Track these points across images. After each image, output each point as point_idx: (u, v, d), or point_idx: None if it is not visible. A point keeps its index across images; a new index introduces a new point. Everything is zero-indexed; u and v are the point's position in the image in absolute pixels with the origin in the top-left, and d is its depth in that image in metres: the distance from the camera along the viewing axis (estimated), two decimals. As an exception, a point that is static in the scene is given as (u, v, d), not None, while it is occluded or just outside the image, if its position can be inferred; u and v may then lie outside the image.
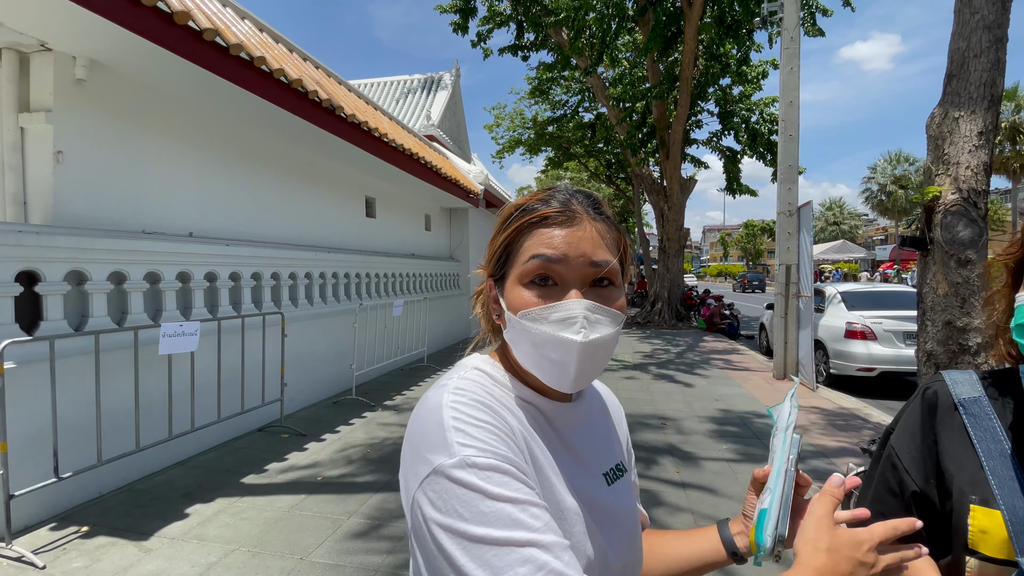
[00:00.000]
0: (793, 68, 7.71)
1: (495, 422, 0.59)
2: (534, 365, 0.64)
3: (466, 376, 0.65)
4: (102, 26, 3.17)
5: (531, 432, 0.64)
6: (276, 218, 5.96)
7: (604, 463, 0.73)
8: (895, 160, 35.92)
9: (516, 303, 0.63)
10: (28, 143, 3.63)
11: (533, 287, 0.63)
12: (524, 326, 0.62)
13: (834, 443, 4.69)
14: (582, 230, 0.64)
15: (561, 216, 0.64)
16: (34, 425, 3.07)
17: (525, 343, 0.63)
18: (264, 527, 3.12)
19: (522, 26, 13.04)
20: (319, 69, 6.48)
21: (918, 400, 0.92)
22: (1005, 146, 24.37)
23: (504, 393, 0.66)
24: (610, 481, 0.72)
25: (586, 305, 0.61)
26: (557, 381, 0.63)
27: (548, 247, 0.62)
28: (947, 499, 0.83)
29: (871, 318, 7.07)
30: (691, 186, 15.17)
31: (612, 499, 0.70)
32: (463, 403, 0.59)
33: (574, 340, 0.60)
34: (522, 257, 0.64)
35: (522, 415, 0.65)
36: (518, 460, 0.57)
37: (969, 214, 3.02)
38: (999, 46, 3.06)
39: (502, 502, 0.51)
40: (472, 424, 0.57)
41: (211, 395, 4.27)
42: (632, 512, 0.73)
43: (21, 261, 3.15)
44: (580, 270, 0.62)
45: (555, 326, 0.60)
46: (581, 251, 0.62)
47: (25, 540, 2.92)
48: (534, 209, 0.65)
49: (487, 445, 0.55)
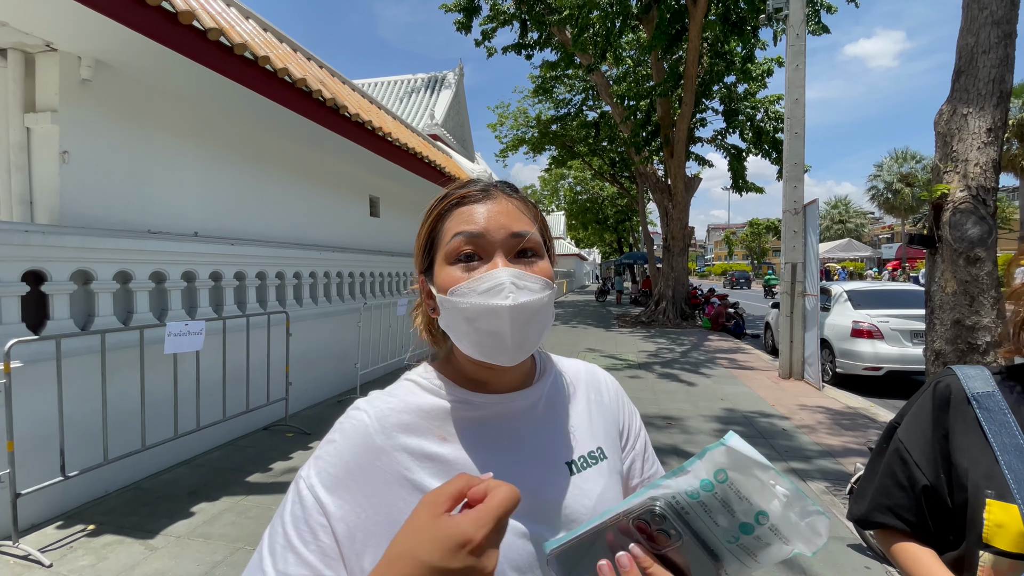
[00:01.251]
0: (799, 65, 7.66)
1: (349, 460, 0.62)
2: (472, 344, 0.63)
3: (378, 396, 0.68)
4: (107, 26, 3.18)
5: (438, 440, 0.65)
6: (280, 217, 5.97)
7: (567, 451, 0.70)
8: (902, 158, 35.67)
9: (445, 282, 0.64)
10: (34, 143, 3.65)
11: (459, 264, 0.64)
12: (454, 303, 0.62)
13: (840, 443, 4.66)
14: (499, 204, 0.66)
15: (479, 194, 0.67)
16: (40, 424, 3.09)
17: (459, 321, 0.63)
18: (269, 526, 3.12)
19: (526, 24, 13.02)
20: (323, 68, 6.49)
21: (928, 394, 0.91)
22: (1013, 143, 24.18)
23: (427, 398, 0.68)
24: (576, 469, 0.69)
25: (511, 272, 0.62)
26: (495, 355, 0.62)
27: (469, 223, 0.64)
28: (957, 493, 0.82)
29: (878, 317, 7.03)
30: (695, 184, 15.11)
31: (572, 488, 0.67)
32: (344, 432, 0.64)
33: (504, 305, 0.60)
34: (445, 238, 0.66)
35: (440, 422, 0.66)
36: (329, 503, 0.60)
37: (978, 212, 2.99)
38: (1008, 42, 3.03)
39: (288, 531, 0.58)
40: (330, 453, 0.63)
41: (216, 394, 4.29)
42: (602, 499, 0.68)
43: (28, 260, 3.16)
44: (503, 242, 0.64)
45: (484, 296, 0.61)
46: (500, 223, 0.64)
47: (32, 538, 2.94)
48: (453, 193, 0.68)
49: (319, 478, 0.61)
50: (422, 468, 0.63)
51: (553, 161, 22.72)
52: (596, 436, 0.74)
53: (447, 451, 0.64)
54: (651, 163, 15.69)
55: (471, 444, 0.65)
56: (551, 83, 17.83)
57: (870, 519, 0.92)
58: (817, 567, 2.72)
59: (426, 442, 0.64)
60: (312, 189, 6.60)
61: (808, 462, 4.19)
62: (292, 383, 5.17)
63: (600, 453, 0.72)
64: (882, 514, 0.90)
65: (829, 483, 3.77)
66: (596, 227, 38.14)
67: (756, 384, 7.11)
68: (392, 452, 0.63)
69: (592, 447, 0.72)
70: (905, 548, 0.88)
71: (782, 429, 5.08)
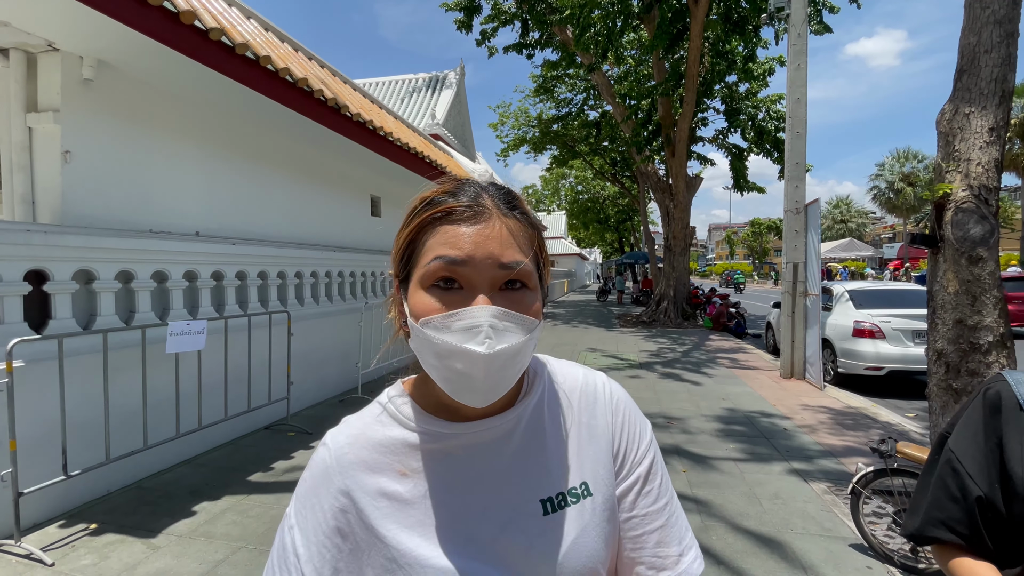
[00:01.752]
0: (800, 65, 7.65)
1: (315, 509, 0.62)
2: (440, 378, 0.57)
3: (342, 428, 0.67)
4: (109, 26, 3.19)
5: (398, 475, 0.62)
6: (282, 217, 5.98)
7: (544, 487, 0.62)
8: (903, 157, 35.62)
9: (417, 309, 0.57)
10: (36, 143, 3.65)
11: (436, 291, 0.57)
12: (426, 336, 0.56)
13: (841, 442, 4.66)
14: (490, 227, 0.57)
15: (468, 211, 0.57)
16: (43, 423, 3.09)
17: (429, 354, 0.57)
18: (271, 525, 3.13)
19: (527, 24, 13.02)
20: (324, 68, 6.49)
21: (979, 401, 0.88)
22: (1015, 143, 24.12)
23: (390, 428, 0.64)
24: (550, 509, 0.61)
25: (492, 312, 0.55)
26: (465, 396, 0.56)
27: (452, 247, 0.56)
28: (1015, 504, 0.79)
29: (879, 316, 7.02)
30: (697, 184, 15.10)
31: (543, 530, 0.60)
32: (314, 476, 0.64)
33: (478, 352, 0.53)
34: (424, 257, 0.58)
35: (400, 455, 0.63)
36: (302, 551, 0.61)
37: (980, 211, 2.99)
38: (1010, 41, 3.02)
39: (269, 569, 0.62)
40: (304, 502, 0.63)
41: (218, 393, 4.29)
42: (577, 544, 0.60)
43: (30, 260, 3.17)
44: (488, 272, 0.56)
45: (458, 336, 0.54)
46: (488, 251, 0.56)
47: (34, 537, 2.94)
48: (440, 202, 0.59)
49: (298, 523, 0.62)
50: (377, 508, 0.60)
51: (554, 161, 22.71)
52: (583, 468, 0.64)
53: (405, 489, 0.61)
54: (652, 163, 15.68)
55: (433, 479, 0.61)
56: (552, 83, 17.82)
57: (924, 534, 0.88)
58: (819, 566, 2.72)
59: (384, 479, 0.61)
60: (313, 189, 6.61)
61: (809, 462, 4.18)
62: (293, 383, 5.17)
63: (584, 490, 0.63)
64: (936, 528, 0.86)
65: (831, 483, 3.76)
66: (597, 227, 38.14)
67: (757, 384, 7.11)
68: (355, 491, 0.62)
69: (575, 482, 0.63)
70: (962, 564, 0.84)
71: (783, 429, 5.08)
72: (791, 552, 2.86)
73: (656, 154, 15.30)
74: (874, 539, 2.82)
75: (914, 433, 5.02)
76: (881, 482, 2.77)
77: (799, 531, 3.09)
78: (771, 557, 2.81)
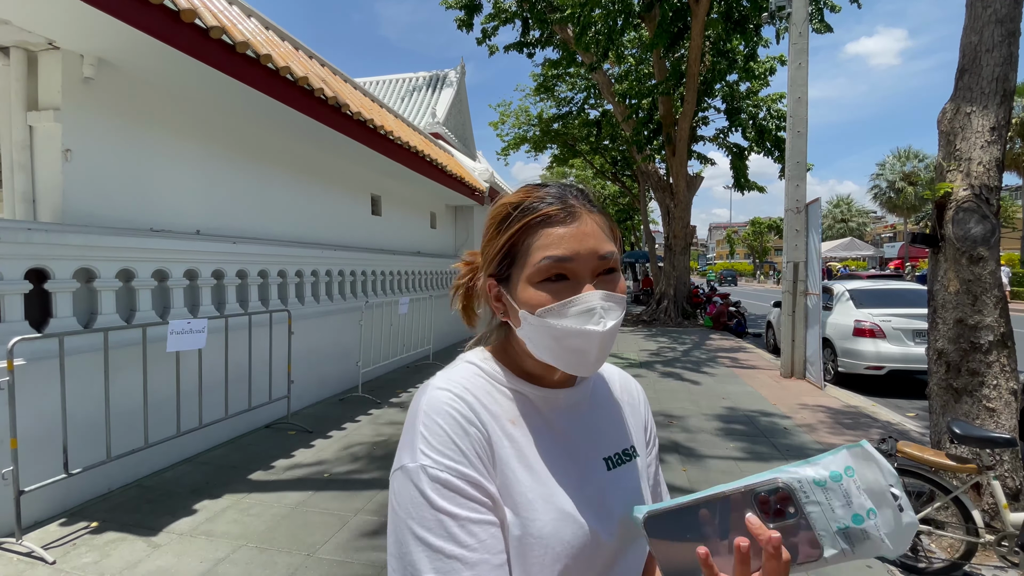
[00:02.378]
0: (801, 64, 7.64)
1: (458, 432, 0.63)
2: (554, 357, 0.66)
3: (451, 375, 0.70)
4: (109, 24, 3.18)
5: (509, 423, 0.68)
6: (282, 216, 5.98)
7: (605, 448, 0.74)
8: (904, 156, 35.56)
9: (532, 302, 0.65)
10: (37, 141, 3.65)
11: (546, 285, 0.65)
12: (545, 323, 0.64)
13: (841, 442, 4.66)
14: (584, 225, 0.67)
15: (563, 213, 0.67)
16: (44, 421, 3.09)
17: (545, 338, 0.65)
18: (272, 523, 3.13)
19: (527, 23, 12.99)
20: (325, 67, 6.49)
21: None
22: (1016, 142, 24.09)
23: (490, 385, 0.70)
24: (612, 465, 0.73)
25: (600, 296, 0.65)
26: (578, 368, 0.66)
27: (558, 247, 0.65)
28: None
29: (880, 316, 7.01)
30: (697, 183, 15.08)
31: (609, 483, 0.71)
32: (435, 411, 0.64)
33: (596, 331, 0.63)
34: (532, 258, 0.66)
35: (507, 406, 0.69)
36: (471, 473, 0.62)
37: (981, 210, 2.98)
38: (1012, 40, 3.02)
39: (443, 514, 0.59)
40: (437, 433, 0.63)
41: (219, 392, 4.30)
42: (635, 496, 0.73)
43: (31, 259, 3.17)
44: (590, 264, 0.66)
45: (576, 319, 0.64)
46: (589, 247, 0.66)
47: (35, 535, 2.95)
48: (535, 208, 0.67)
49: (445, 458, 0.61)
50: (503, 447, 0.66)
51: (555, 159, 22.67)
52: (629, 434, 0.79)
53: (517, 433, 0.68)
54: (653, 162, 15.67)
55: (532, 432, 0.69)
56: (553, 81, 17.78)
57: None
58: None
59: (504, 421, 0.68)
60: (314, 187, 6.60)
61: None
62: (294, 381, 5.18)
63: (632, 451, 0.77)
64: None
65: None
66: (598, 226, 38.03)
67: (758, 383, 7.11)
68: (480, 420, 0.66)
69: (626, 445, 0.77)
70: None
71: (783, 428, 5.08)
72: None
73: (657, 153, 15.28)
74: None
75: (914, 432, 5.02)
76: (881, 481, 2.76)
77: (799, 530, 3.09)
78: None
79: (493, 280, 0.71)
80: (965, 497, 2.54)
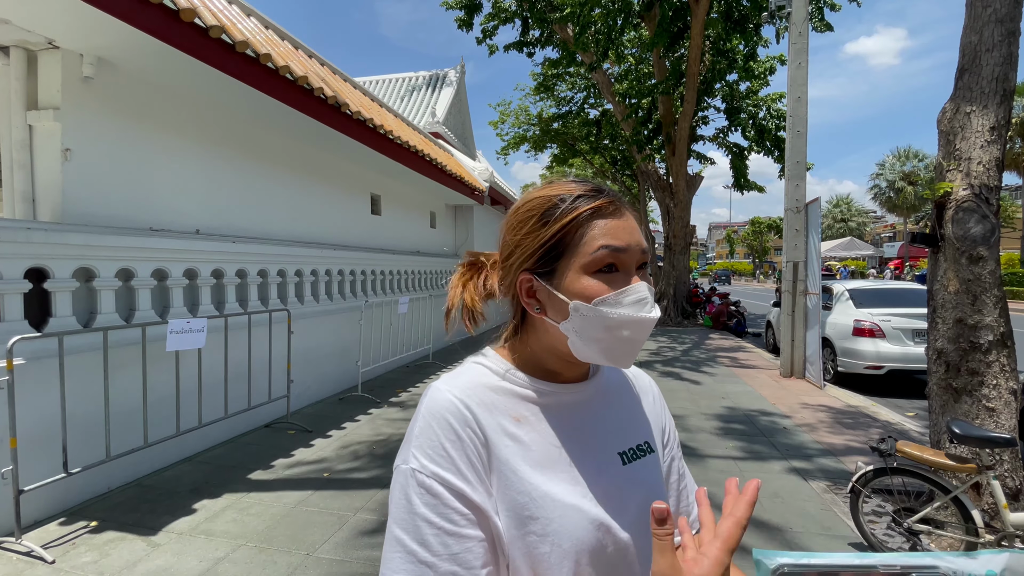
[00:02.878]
0: (801, 63, 7.64)
1: (451, 438, 0.64)
2: (601, 349, 0.67)
3: (456, 377, 0.71)
4: (109, 23, 3.18)
5: (514, 421, 0.68)
6: (282, 215, 5.98)
7: (619, 442, 0.74)
8: (904, 156, 35.56)
9: (586, 291, 0.66)
10: (36, 141, 3.65)
11: (600, 275, 0.66)
12: (600, 312, 0.65)
13: (841, 441, 4.66)
14: (628, 220, 0.69)
15: (611, 207, 0.69)
16: (43, 421, 3.09)
17: (597, 329, 0.66)
18: (271, 523, 3.13)
19: (527, 22, 12.97)
20: (324, 66, 6.49)
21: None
22: (1016, 142, 24.08)
23: (498, 381, 0.70)
24: (627, 460, 0.73)
25: (646, 286, 0.68)
26: (622, 359, 0.68)
27: (613, 238, 0.67)
28: None
29: (879, 316, 7.01)
30: (697, 183, 15.08)
31: (625, 477, 0.71)
32: (433, 414, 0.65)
33: (650, 317, 0.66)
34: (587, 247, 0.67)
35: (514, 404, 0.69)
36: (457, 482, 0.62)
37: (981, 210, 2.98)
38: (1012, 40, 3.02)
39: (421, 520, 0.60)
40: (430, 438, 0.63)
41: (218, 391, 4.30)
42: (653, 490, 0.73)
43: (30, 258, 3.17)
44: (636, 256, 0.68)
45: (631, 308, 0.66)
46: (636, 240, 0.69)
47: (35, 535, 2.95)
48: (588, 200, 0.69)
49: (433, 463, 0.62)
50: (505, 446, 0.66)
51: (554, 159, 22.66)
52: (644, 429, 0.79)
53: (522, 432, 0.68)
54: (652, 161, 15.66)
55: (541, 428, 0.69)
56: (553, 81, 17.77)
57: None
58: (818, 565, 2.72)
59: (504, 420, 0.68)
60: (313, 187, 6.60)
61: (809, 461, 4.19)
62: (294, 381, 5.18)
63: (647, 447, 0.77)
64: None
65: (830, 482, 3.76)
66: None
67: (757, 383, 7.11)
68: (482, 423, 0.66)
69: (641, 440, 0.77)
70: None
71: (783, 428, 5.08)
72: (790, 551, 2.86)
73: (656, 153, 15.28)
74: (873, 538, 2.82)
75: (914, 432, 5.02)
76: (880, 481, 2.77)
77: (798, 530, 3.10)
78: (770, 555, 2.81)
79: (528, 274, 0.70)
80: (965, 497, 2.54)
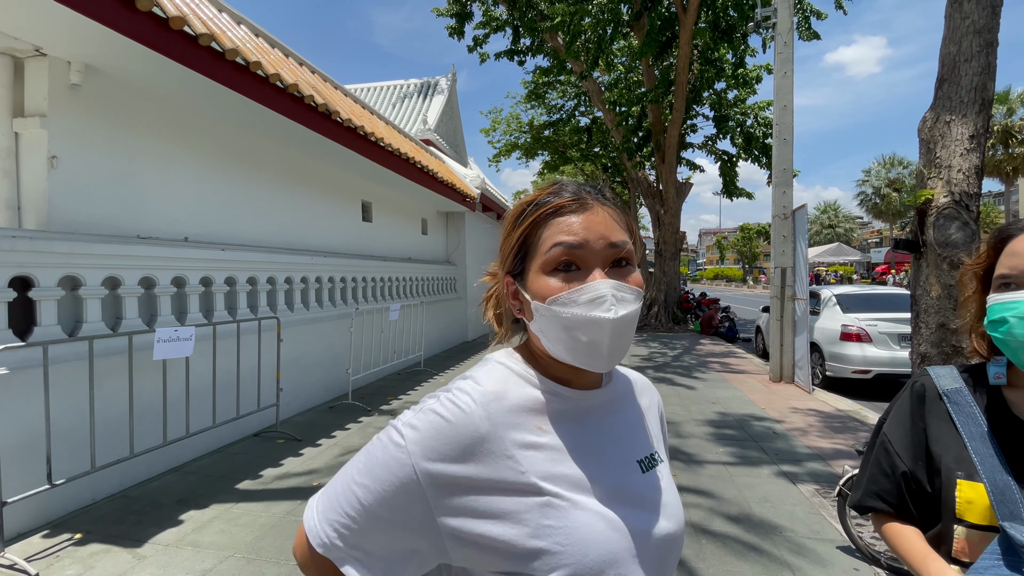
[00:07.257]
0: (787, 72, 7.76)
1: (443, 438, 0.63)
2: (566, 350, 0.65)
3: (483, 372, 0.69)
4: (97, 31, 3.17)
5: (536, 429, 0.66)
6: (272, 222, 5.95)
7: (637, 451, 0.73)
8: (889, 163, 36.15)
9: (542, 291, 0.65)
10: (22, 148, 3.62)
11: (557, 274, 0.65)
12: (554, 312, 0.64)
13: (830, 445, 4.70)
14: (595, 214, 0.66)
15: (575, 204, 0.67)
16: (27, 431, 3.05)
17: (556, 329, 0.65)
18: (259, 533, 3.10)
19: (518, 31, 13.09)
20: (315, 74, 6.49)
21: (907, 392, 1.05)
22: (998, 149, 24.53)
23: (522, 387, 0.68)
24: (644, 469, 0.72)
25: (611, 284, 0.64)
26: (591, 361, 0.65)
27: (568, 234, 0.65)
28: (935, 477, 0.95)
29: (866, 320, 7.10)
30: (687, 190, 15.23)
31: (645, 486, 0.70)
32: (443, 407, 0.64)
33: (606, 318, 0.62)
34: (542, 247, 0.66)
35: (539, 409, 0.67)
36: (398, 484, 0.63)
37: (961, 216, 3.04)
38: (989, 50, 3.09)
39: (359, 480, 0.63)
40: (426, 423, 0.63)
41: (206, 400, 4.25)
42: (670, 499, 0.72)
43: (15, 266, 3.13)
44: (600, 252, 0.65)
45: (586, 307, 0.63)
46: (599, 233, 0.65)
47: (18, 547, 2.89)
48: (547, 201, 0.68)
49: (413, 444, 0.62)
50: (526, 457, 0.64)
51: (546, 166, 22.81)
52: (655, 439, 0.78)
53: (545, 440, 0.66)
54: (643, 168, 15.79)
55: (562, 436, 0.67)
56: (543, 89, 17.92)
57: (863, 504, 1.06)
58: (807, 569, 2.74)
59: (526, 433, 0.66)
60: (304, 194, 6.58)
61: (799, 464, 4.22)
62: (283, 389, 5.14)
63: (658, 456, 0.76)
64: (871, 499, 1.04)
65: (819, 485, 3.79)
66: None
67: (747, 388, 7.16)
68: (496, 439, 0.64)
69: (652, 450, 0.76)
70: (892, 527, 1.01)
71: (773, 432, 5.11)
72: (779, 555, 2.88)
73: (646, 160, 15.41)
74: (861, 541, 2.84)
75: (901, 436, 5.07)
76: (868, 484, 2.79)
77: (788, 533, 3.11)
78: (760, 560, 2.83)
79: (510, 277, 0.71)
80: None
